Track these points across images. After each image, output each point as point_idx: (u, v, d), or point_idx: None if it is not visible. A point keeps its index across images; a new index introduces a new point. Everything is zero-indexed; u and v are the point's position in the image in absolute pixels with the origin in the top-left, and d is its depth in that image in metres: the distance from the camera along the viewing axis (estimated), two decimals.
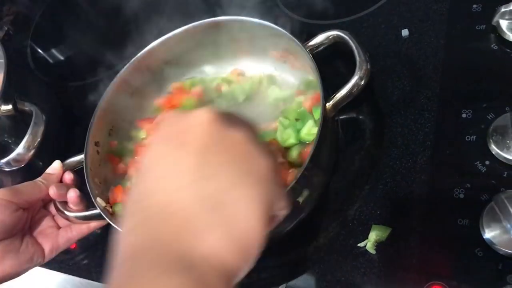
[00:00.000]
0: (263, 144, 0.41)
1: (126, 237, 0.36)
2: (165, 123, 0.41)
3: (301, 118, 0.70)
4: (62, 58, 1.18)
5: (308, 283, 0.66)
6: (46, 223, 0.73)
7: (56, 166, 0.73)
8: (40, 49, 1.20)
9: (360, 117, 0.76)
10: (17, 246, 0.68)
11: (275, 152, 0.49)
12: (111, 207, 0.71)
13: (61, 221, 0.74)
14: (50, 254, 0.71)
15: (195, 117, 0.39)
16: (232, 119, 0.40)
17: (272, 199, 0.38)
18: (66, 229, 0.73)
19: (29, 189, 0.70)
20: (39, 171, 0.74)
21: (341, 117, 0.76)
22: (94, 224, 0.74)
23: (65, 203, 0.72)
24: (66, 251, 0.80)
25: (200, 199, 0.35)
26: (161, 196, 0.36)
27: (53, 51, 1.19)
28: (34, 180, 0.72)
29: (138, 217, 0.37)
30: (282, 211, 0.42)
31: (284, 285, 0.66)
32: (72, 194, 0.71)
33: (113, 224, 0.65)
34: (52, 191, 0.70)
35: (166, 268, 0.32)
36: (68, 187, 0.73)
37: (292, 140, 0.69)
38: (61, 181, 0.74)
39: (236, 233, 0.35)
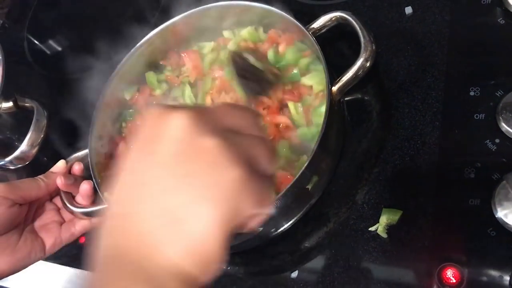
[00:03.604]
0: (245, 148, 0.39)
1: (100, 241, 0.37)
2: (144, 126, 0.40)
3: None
4: (60, 48, 1.16)
5: (319, 269, 0.66)
6: (51, 217, 0.72)
7: (60, 165, 0.72)
8: (37, 41, 1.18)
9: (366, 98, 0.75)
10: (14, 242, 0.67)
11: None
12: None
13: (67, 215, 0.73)
14: (52, 248, 0.71)
15: (172, 120, 0.38)
16: (214, 120, 0.39)
17: (237, 211, 0.37)
18: (69, 224, 0.72)
19: (27, 186, 0.69)
20: (44, 167, 0.73)
21: (346, 99, 0.75)
22: (97, 220, 0.73)
23: (71, 197, 0.71)
24: (76, 246, 0.80)
25: (159, 213, 0.36)
26: (125, 205, 0.37)
27: (51, 42, 1.17)
28: (35, 177, 0.71)
29: (107, 224, 0.38)
30: (259, 216, 0.40)
31: (296, 271, 0.66)
32: (86, 186, 0.70)
33: None
34: (60, 181, 0.69)
35: (129, 277, 0.35)
36: (76, 178, 0.72)
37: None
38: (69, 172, 0.74)
39: (193, 247, 0.36)
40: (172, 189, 0.36)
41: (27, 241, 0.68)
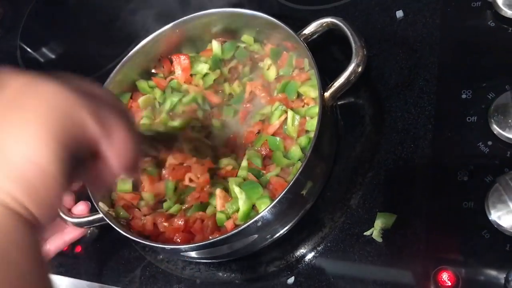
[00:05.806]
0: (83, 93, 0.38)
1: None
2: None
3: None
4: (53, 56, 1.16)
5: (316, 274, 0.66)
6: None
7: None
8: (30, 49, 1.18)
9: (359, 102, 0.75)
10: None
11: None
12: (113, 211, 0.70)
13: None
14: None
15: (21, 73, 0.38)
16: (66, 78, 0.39)
17: (71, 118, 0.36)
18: (61, 232, 0.73)
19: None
20: None
21: (339, 103, 0.75)
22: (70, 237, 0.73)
23: (67, 209, 0.71)
24: (72, 255, 0.80)
25: None
26: None
27: (44, 50, 1.17)
28: None
29: None
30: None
31: (292, 277, 0.66)
32: (83, 207, 0.71)
33: (116, 228, 0.65)
34: None
35: None
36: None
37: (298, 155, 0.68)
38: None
39: (17, 171, 0.34)
40: None
41: None
